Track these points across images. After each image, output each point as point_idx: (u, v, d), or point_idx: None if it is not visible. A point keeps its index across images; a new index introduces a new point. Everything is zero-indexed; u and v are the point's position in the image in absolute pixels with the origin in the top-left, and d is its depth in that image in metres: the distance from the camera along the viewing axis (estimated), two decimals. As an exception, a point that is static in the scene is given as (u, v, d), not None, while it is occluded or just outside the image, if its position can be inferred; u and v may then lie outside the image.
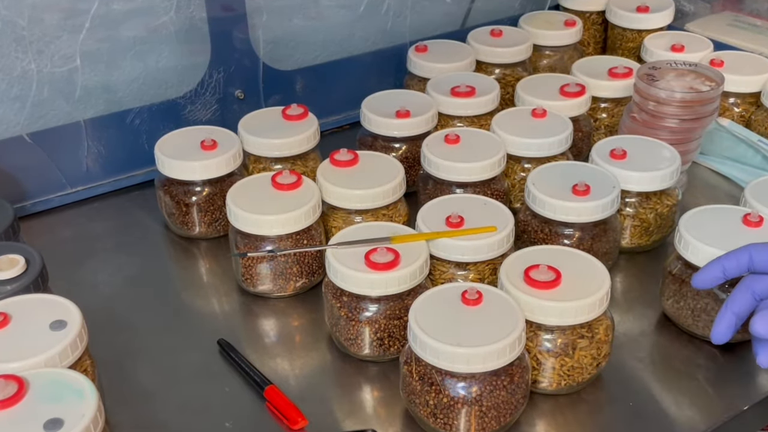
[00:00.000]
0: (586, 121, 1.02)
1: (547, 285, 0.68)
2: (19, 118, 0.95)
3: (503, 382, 0.64)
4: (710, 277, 0.61)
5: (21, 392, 0.57)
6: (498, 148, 0.88)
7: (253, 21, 1.04)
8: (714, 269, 0.61)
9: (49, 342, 0.62)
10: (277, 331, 0.80)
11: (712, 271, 0.61)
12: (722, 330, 0.60)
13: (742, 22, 1.22)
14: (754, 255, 0.59)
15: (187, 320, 0.81)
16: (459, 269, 0.77)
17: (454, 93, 0.99)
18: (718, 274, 0.61)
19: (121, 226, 0.95)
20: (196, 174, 0.88)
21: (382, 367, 0.74)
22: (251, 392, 0.72)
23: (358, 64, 1.14)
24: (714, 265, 0.61)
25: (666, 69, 0.98)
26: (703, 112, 0.94)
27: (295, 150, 0.92)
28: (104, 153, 0.99)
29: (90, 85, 0.97)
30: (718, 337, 0.60)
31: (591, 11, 1.23)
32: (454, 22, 1.24)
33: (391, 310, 0.72)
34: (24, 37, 0.91)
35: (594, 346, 0.69)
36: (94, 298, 0.83)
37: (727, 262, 0.60)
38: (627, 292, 0.84)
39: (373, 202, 0.83)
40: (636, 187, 0.85)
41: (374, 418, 0.70)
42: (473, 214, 0.78)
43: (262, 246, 0.80)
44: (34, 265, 0.72)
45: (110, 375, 0.72)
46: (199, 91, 1.02)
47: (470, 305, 0.66)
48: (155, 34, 0.99)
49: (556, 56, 1.17)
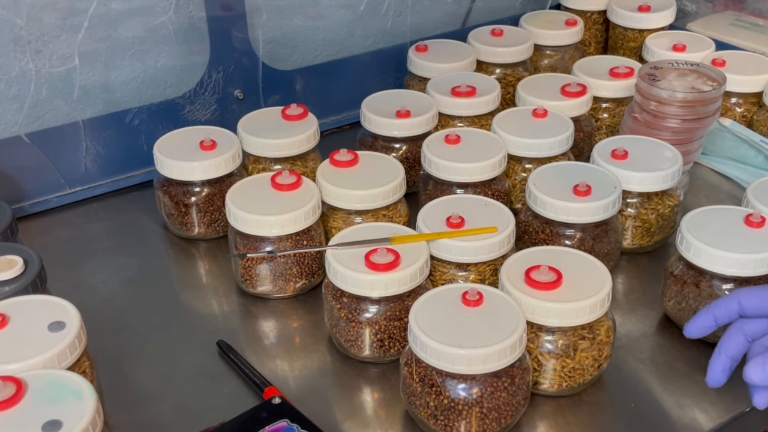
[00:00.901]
0: (587, 121, 1.02)
1: (548, 286, 0.68)
2: (18, 118, 0.94)
3: (504, 384, 0.64)
4: (702, 326, 0.61)
5: (19, 394, 0.57)
6: (499, 149, 0.88)
7: (253, 20, 1.04)
8: (705, 318, 0.61)
9: (47, 343, 0.62)
10: (276, 333, 0.80)
11: (704, 320, 0.61)
12: (717, 374, 0.60)
13: (744, 22, 1.22)
14: (743, 301, 0.60)
15: (186, 321, 0.81)
16: (460, 270, 0.77)
17: (455, 93, 0.99)
18: (710, 323, 0.61)
19: (120, 227, 0.95)
20: (195, 174, 0.88)
21: (383, 369, 0.74)
22: (251, 394, 0.71)
23: (358, 63, 1.14)
24: (704, 314, 0.61)
25: (668, 69, 0.98)
26: (704, 112, 0.94)
27: (295, 150, 0.92)
28: (103, 153, 0.98)
29: (88, 85, 0.97)
30: (714, 381, 0.60)
31: (592, 11, 1.23)
32: (454, 22, 1.24)
33: (391, 311, 0.72)
34: (22, 36, 0.91)
35: (595, 348, 0.69)
36: (93, 299, 0.83)
37: (717, 310, 0.60)
38: (628, 293, 0.84)
39: (373, 202, 0.83)
40: (637, 187, 0.85)
41: (374, 419, 0.70)
42: (474, 214, 0.78)
43: (261, 247, 0.80)
44: (32, 266, 0.71)
45: (109, 376, 0.71)
46: (198, 91, 1.02)
47: (471, 306, 0.66)
48: (154, 33, 0.99)
49: (557, 56, 1.17)
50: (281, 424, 0.63)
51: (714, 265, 0.72)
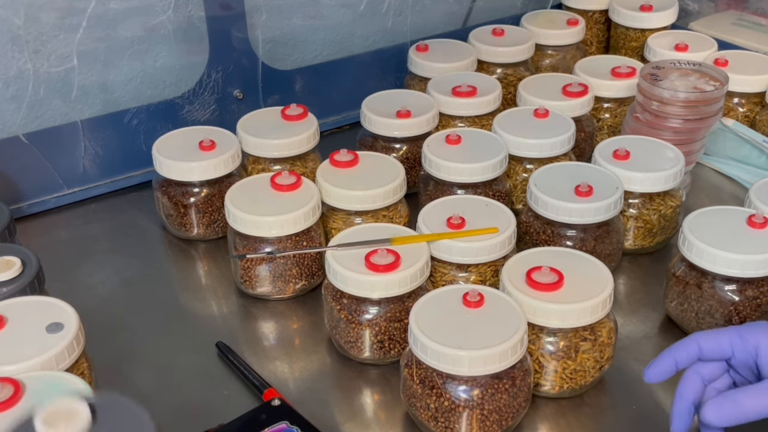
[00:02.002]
0: (588, 122, 1.01)
1: (549, 287, 0.68)
2: (16, 119, 0.94)
3: (505, 386, 0.64)
4: (662, 369, 0.61)
5: (17, 395, 0.57)
6: (500, 149, 0.88)
7: (252, 20, 1.04)
8: (666, 362, 0.60)
9: (45, 344, 0.62)
10: (276, 334, 0.80)
11: (664, 363, 0.61)
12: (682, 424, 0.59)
13: (746, 21, 1.21)
14: (702, 344, 0.60)
15: (185, 323, 0.81)
16: (460, 271, 0.76)
17: (456, 93, 0.99)
18: (671, 367, 0.61)
19: (119, 228, 0.95)
20: (194, 175, 0.87)
21: (383, 370, 0.74)
22: (250, 395, 0.71)
23: (358, 63, 1.14)
24: (665, 357, 0.60)
25: (670, 68, 0.97)
26: (707, 112, 0.93)
27: (295, 150, 0.92)
28: (101, 154, 0.98)
29: (87, 84, 0.97)
30: (679, 428, 0.60)
31: (594, 10, 1.23)
32: (455, 21, 1.24)
33: (391, 312, 0.72)
34: (20, 36, 0.91)
35: (597, 349, 0.69)
36: (91, 300, 0.83)
37: (678, 353, 0.60)
38: (630, 294, 0.84)
39: (373, 203, 0.83)
40: (639, 188, 0.84)
41: (374, 421, 0.70)
42: (475, 215, 0.78)
43: (261, 247, 0.80)
44: (30, 267, 0.71)
45: (107, 378, 0.71)
46: (197, 91, 1.02)
47: (472, 307, 0.66)
48: (153, 33, 0.99)
49: (558, 56, 1.17)
50: (281, 426, 0.63)
51: (716, 266, 0.72)
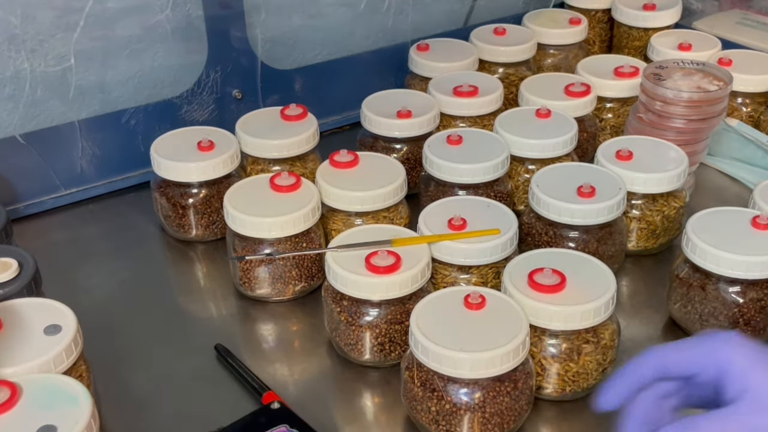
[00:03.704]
0: (591, 122, 1.01)
1: (551, 289, 0.67)
2: (12, 119, 0.94)
3: (507, 388, 0.63)
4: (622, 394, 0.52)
5: (14, 398, 0.56)
6: (501, 149, 0.88)
7: (251, 19, 1.04)
8: (628, 384, 0.52)
9: (43, 347, 0.62)
10: (275, 336, 0.79)
11: (626, 386, 0.53)
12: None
13: (750, 20, 1.21)
14: (668, 362, 0.52)
15: (183, 325, 0.81)
16: (461, 273, 0.76)
17: (457, 93, 0.98)
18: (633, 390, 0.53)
19: (116, 229, 0.94)
20: (193, 175, 0.87)
21: (383, 373, 0.74)
22: (249, 398, 0.71)
23: (358, 63, 1.13)
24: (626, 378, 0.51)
25: (673, 68, 0.97)
26: (710, 113, 0.93)
27: (294, 151, 0.91)
28: (99, 154, 0.98)
29: (84, 84, 0.97)
30: None
31: (596, 9, 1.23)
32: (456, 20, 1.24)
33: (392, 314, 0.72)
34: (17, 35, 0.90)
35: (599, 352, 0.68)
36: (89, 302, 0.82)
37: (641, 371, 0.52)
38: (633, 296, 0.83)
39: (373, 204, 0.82)
40: (642, 188, 0.84)
41: (375, 424, 0.69)
42: (476, 216, 0.77)
43: (260, 249, 0.79)
44: (27, 269, 0.71)
45: (105, 381, 0.71)
46: (195, 90, 1.02)
47: (473, 309, 0.66)
48: (151, 32, 0.99)
49: (560, 55, 1.16)
50: (280, 429, 0.63)
51: (720, 267, 0.72)
